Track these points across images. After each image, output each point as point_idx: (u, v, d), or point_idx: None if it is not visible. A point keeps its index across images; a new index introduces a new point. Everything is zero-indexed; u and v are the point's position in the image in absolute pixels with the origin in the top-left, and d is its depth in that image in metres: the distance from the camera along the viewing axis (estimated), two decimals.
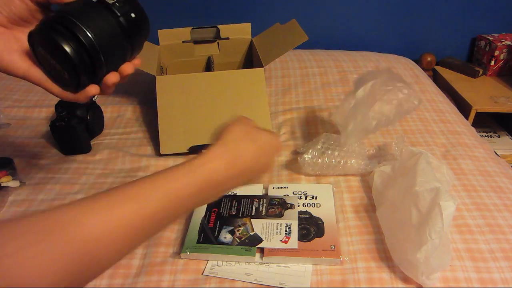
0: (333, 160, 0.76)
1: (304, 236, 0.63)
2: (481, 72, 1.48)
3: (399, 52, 1.44)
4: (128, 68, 0.46)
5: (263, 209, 0.68)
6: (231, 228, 0.65)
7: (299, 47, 0.91)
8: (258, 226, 0.65)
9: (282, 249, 0.61)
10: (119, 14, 0.42)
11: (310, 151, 0.77)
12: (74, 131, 0.83)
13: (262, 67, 0.90)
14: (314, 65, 1.25)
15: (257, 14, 1.51)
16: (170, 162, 0.83)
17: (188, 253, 0.61)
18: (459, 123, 0.99)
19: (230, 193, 0.72)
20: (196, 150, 0.84)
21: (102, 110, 0.95)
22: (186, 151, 0.85)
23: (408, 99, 0.72)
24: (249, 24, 1.10)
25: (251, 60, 1.12)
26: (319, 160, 0.76)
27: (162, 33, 1.06)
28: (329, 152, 0.76)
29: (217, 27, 1.08)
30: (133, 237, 0.34)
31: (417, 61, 1.49)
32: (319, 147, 0.77)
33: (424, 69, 1.42)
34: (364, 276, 0.58)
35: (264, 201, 0.70)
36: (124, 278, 0.59)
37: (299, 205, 0.69)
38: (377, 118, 0.71)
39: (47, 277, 0.27)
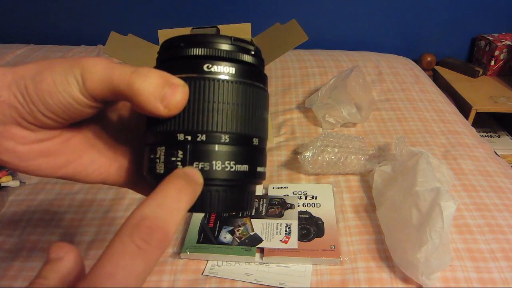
0: (333, 157, 0.76)
1: (304, 236, 0.63)
2: (481, 72, 1.48)
3: (399, 52, 1.44)
4: None
5: (263, 209, 0.68)
6: (231, 228, 0.65)
7: (299, 47, 0.91)
8: (258, 226, 0.65)
9: (282, 249, 0.61)
10: None
11: (310, 148, 0.77)
12: None
13: None
14: (314, 65, 1.25)
15: (257, 14, 1.51)
16: None
17: (188, 253, 0.61)
18: (459, 123, 0.99)
19: None
20: None
21: None
22: None
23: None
24: (249, 24, 1.10)
25: None
26: (320, 157, 0.76)
27: (162, 33, 1.05)
28: (329, 149, 0.76)
29: (217, 27, 1.08)
30: None
31: (417, 61, 1.49)
32: (318, 144, 0.77)
33: (424, 69, 1.42)
34: (364, 276, 0.58)
35: (264, 201, 0.70)
36: None
37: (299, 205, 0.69)
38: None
39: None
